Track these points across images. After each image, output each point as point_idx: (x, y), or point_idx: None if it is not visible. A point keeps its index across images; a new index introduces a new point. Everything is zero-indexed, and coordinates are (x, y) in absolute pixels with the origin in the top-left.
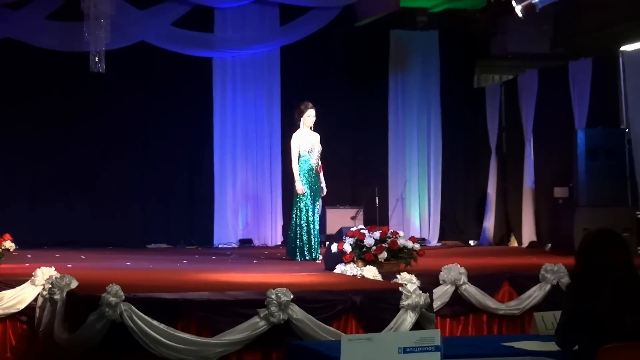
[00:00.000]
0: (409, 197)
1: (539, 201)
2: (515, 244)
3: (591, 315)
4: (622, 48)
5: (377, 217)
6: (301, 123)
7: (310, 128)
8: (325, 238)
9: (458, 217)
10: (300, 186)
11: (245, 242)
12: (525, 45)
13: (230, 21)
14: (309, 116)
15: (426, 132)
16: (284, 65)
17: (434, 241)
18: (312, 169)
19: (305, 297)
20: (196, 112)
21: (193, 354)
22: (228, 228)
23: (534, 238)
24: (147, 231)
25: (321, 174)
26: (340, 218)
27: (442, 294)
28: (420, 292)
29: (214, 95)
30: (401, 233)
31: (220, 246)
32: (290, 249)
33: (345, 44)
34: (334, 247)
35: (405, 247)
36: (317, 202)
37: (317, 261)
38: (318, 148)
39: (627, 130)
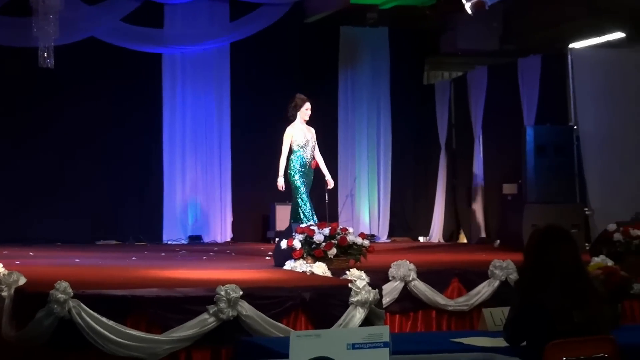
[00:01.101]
0: (358, 194)
1: (488, 198)
2: (465, 240)
3: (539, 311)
4: (571, 45)
5: (326, 213)
6: (298, 116)
7: (305, 122)
8: (275, 234)
9: (407, 213)
10: (281, 182)
11: (195, 239)
12: (475, 42)
13: (180, 17)
14: (307, 109)
15: (376, 128)
16: (234, 61)
17: (383, 237)
18: (305, 164)
19: (254, 294)
20: (145, 109)
21: (142, 351)
22: (177, 224)
23: (483, 234)
24: (96, 228)
25: (324, 167)
26: (289, 214)
27: (391, 290)
28: (370, 288)
29: (163, 91)
30: (351, 229)
31: (169, 243)
32: None
33: (295, 40)
34: (284, 244)
35: (354, 244)
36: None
37: None
38: (312, 142)
39: (575, 127)
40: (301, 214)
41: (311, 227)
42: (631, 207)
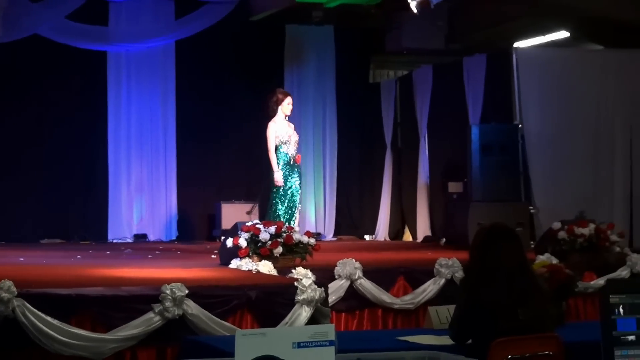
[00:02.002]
0: (304, 192)
1: (434, 196)
2: (410, 239)
3: (484, 309)
4: (516, 44)
5: None
6: (278, 111)
7: (286, 117)
8: (221, 233)
9: (353, 211)
10: (280, 177)
11: (140, 237)
12: (420, 41)
13: (124, 14)
14: (289, 104)
15: (321, 127)
16: (179, 59)
17: (329, 236)
18: (289, 160)
19: (200, 293)
20: (90, 107)
21: (87, 350)
22: (122, 223)
23: (429, 233)
24: (41, 226)
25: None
26: (235, 213)
27: (337, 289)
28: (316, 286)
29: (108, 89)
30: (296, 228)
31: (114, 241)
32: None
33: (240, 38)
34: (229, 242)
35: (300, 242)
36: (297, 195)
37: None
38: (295, 138)
39: (520, 126)
40: (272, 215)
41: (257, 226)
42: (575, 206)
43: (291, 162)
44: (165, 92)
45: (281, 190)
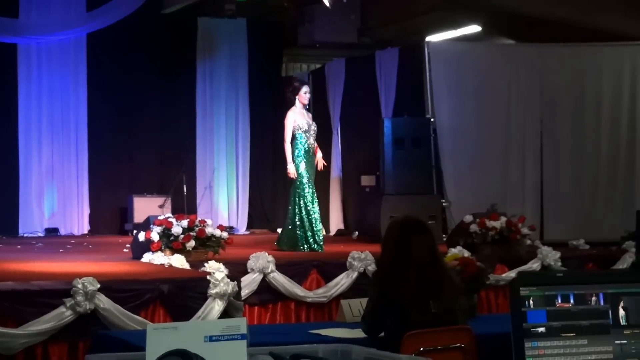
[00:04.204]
0: (217, 186)
1: (346, 189)
2: (323, 232)
3: (396, 302)
4: (428, 38)
5: (185, 205)
6: (296, 101)
7: (304, 106)
8: (133, 227)
9: (266, 205)
10: (293, 169)
11: (52, 232)
12: (333, 34)
13: (35, 7)
14: (305, 93)
15: (234, 120)
16: (91, 52)
17: (242, 229)
18: (309, 150)
19: (112, 287)
20: (0, 98)
21: None
22: (33, 217)
23: (342, 226)
24: None
25: (318, 155)
26: (147, 206)
27: (250, 282)
28: (228, 280)
29: (19, 81)
30: (209, 221)
31: (25, 235)
32: (290, 239)
33: (153, 31)
34: (142, 236)
35: (213, 236)
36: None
37: (321, 251)
38: (314, 127)
39: (432, 119)
40: (297, 207)
41: (169, 219)
42: (487, 199)
43: (311, 152)
44: (76, 85)
45: (302, 181)
